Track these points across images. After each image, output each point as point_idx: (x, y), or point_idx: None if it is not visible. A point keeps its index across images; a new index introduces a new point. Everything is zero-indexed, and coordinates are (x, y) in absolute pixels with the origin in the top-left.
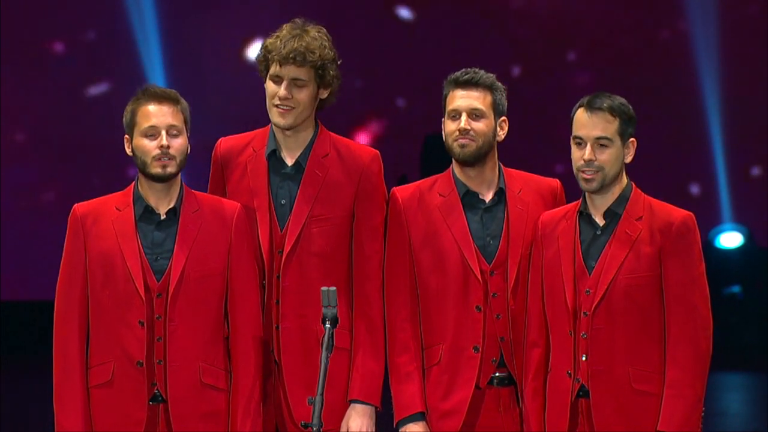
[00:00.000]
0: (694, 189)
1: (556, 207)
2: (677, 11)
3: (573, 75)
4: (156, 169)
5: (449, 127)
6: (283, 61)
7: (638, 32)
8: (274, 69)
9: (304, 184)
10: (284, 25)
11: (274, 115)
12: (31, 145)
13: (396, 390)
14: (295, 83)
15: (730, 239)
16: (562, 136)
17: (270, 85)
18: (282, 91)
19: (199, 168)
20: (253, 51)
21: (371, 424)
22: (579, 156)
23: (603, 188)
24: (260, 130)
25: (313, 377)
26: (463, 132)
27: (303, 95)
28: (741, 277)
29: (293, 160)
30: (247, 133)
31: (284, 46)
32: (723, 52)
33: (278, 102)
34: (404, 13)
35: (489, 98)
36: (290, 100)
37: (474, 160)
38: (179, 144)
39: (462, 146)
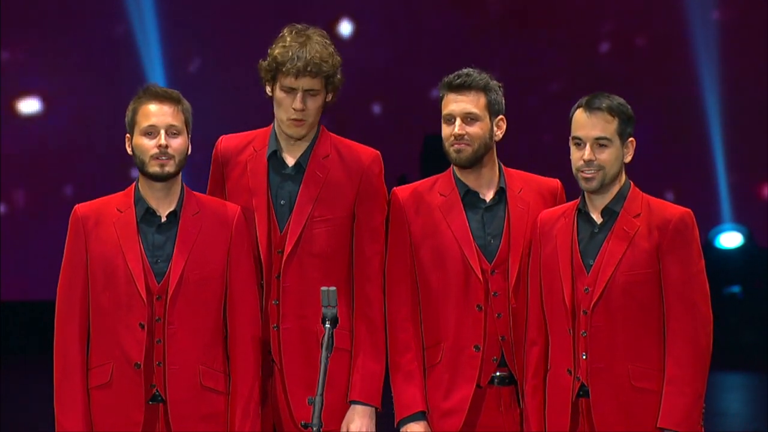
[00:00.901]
0: (695, 189)
1: None
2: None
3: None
4: (154, 168)
5: (445, 131)
6: (299, 74)
7: (635, 32)
8: (288, 81)
9: (305, 184)
10: (285, 32)
11: (288, 127)
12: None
13: (397, 389)
14: (308, 93)
15: (730, 239)
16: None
17: (282, 97)
18: (298, 103)
19: (199, 167)
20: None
21: (371, 425)
22: (578, 156)
23: (603, 188)
24: (261, 129)
25: (313, 378)
26: (458, 137)
27: (316, 104)
28: (741, 277)
29: (294, 161)
30: (249, 132)
31: (298, 59)
32: (723, 52)
33: (294, 115)
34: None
35: (483, 100)
36: (304, 111)
37: (471, 164)
38: (178, 144)
39: (458, 151)
